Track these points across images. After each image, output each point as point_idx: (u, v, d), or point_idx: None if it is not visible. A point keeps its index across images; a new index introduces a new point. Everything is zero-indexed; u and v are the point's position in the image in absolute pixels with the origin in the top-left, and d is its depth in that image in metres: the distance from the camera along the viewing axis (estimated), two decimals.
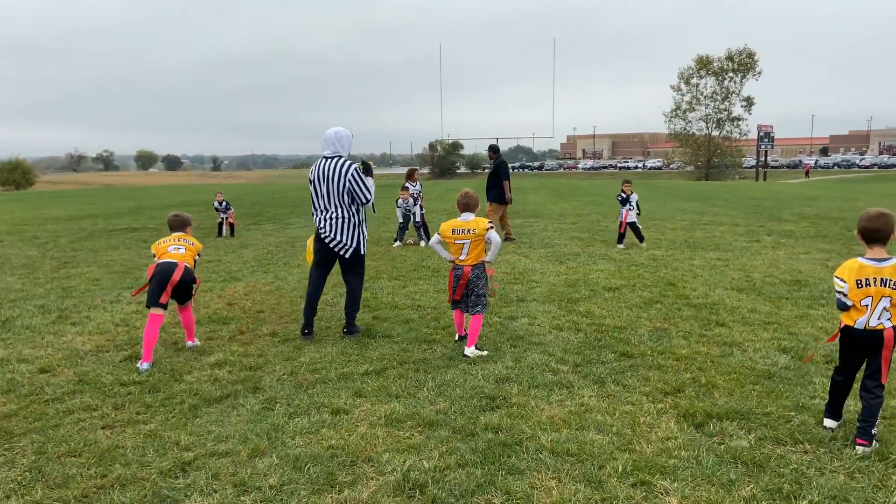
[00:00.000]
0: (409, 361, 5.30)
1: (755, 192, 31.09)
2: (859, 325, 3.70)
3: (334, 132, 5.97)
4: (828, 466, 3.48)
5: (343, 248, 5.92)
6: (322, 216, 5.92)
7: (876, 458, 3.54)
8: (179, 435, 3.95)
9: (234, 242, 13.36)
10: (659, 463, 3.53)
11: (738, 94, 74.53)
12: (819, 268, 9.44)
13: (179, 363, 5.32)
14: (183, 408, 4.37)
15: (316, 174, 5.93)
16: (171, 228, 5.83)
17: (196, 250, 5.72)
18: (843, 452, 3.63)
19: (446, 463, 3.55)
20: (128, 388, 4.76)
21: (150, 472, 3.49)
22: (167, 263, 5.38)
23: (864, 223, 3.69)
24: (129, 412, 4.31)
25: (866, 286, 3.62)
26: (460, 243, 5.49)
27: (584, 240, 12.82)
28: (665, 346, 5.67)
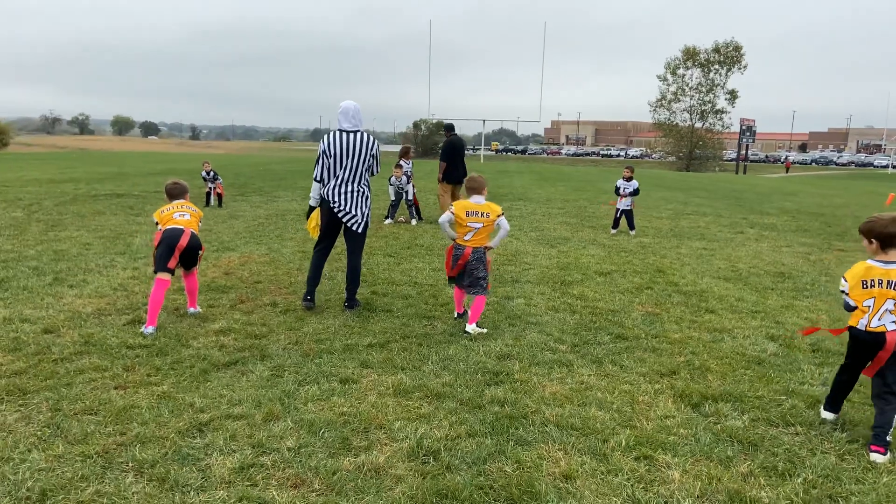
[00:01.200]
0: (412, 336, 5.41)
1: (736, 185, 31.54)
2: (861, 326, 3.74)
3: (354, 106, 5.98)
4: (819, 448, 3.67)
5: (355, 222, 5.98)
6: (338, 189, 5.93)
7: (864, 440, 3.73)
8: (193, 397, 4.02)
9: (224, 213, 13.30)
10: (659, 439, 3.70)
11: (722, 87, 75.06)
12: (801, 261, 9.70)
13: (184, 328, 5.37)
14: (193, 371, 4.44)
15: (337, 146, 5.88)
16: (170, 196, 5.81)
17: (199, 217, 5.77)
18: (833, 436, 3.82)
19: (457, 432, 3.67)
20: (135, 350, 4.81)
21: (168, 432, 3.57)
22: (174, 229, 5.41)
23: (882, 228, 3.67)
24: (139, 374, 4.37)
25: (870, 287, 3.66)
26: (472, 226, 5.54)
27: (573, 225, 12.99)
28: (658, 330, 5.84)
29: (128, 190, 17.77)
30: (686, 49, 75.02)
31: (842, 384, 3.96)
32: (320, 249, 6.14)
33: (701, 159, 75.95)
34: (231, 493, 3.04)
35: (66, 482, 3.08)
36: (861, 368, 3.88)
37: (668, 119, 77.10)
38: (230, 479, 3.15)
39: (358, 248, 6.13)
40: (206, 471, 3.21)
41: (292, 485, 3.11)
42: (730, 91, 74.94)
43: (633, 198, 12.00)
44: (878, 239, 3.70)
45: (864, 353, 3.81)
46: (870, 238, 3.74)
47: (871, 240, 3.73)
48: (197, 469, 3.23)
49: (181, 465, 3.26)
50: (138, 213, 12.70)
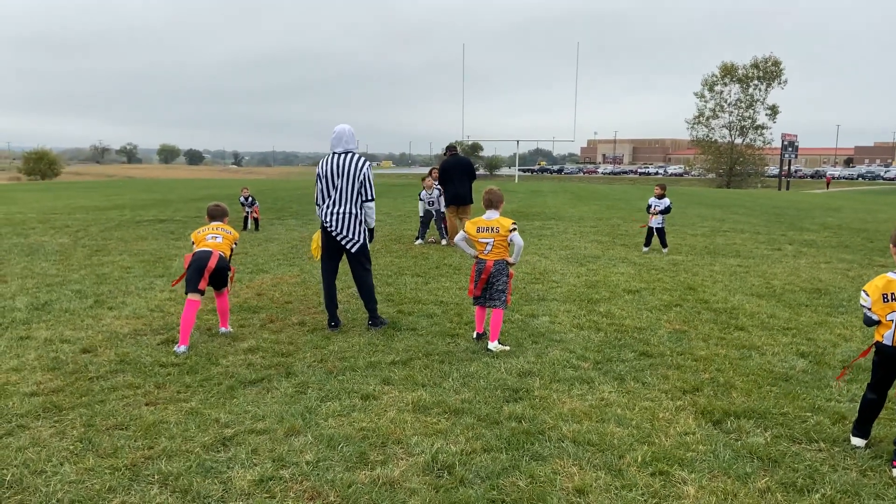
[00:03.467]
0: (434, 353, 5.48)
1: (777, 201, 30.92)
2: (887, 341, 3.65)
3: (348, 129, 6.17)
4: (841, 464, 3.61)
5: (350, 243, 6.11)
6: (329, 210, 6.07)
7: (887, 457, 3.65)
8: (219, 413, 4.16)
9: (260, 236, 13.63)
10: (677, 455, 3.68)
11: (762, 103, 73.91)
12: (840, 277, 9.48)
13: (214, 347, 5.54)
14: (220, 388, 4.58)
15: (328, 169, 6.06)
16: (210, 217, 6.06)
17: (233, 239, 5.96)
18: (856, 452, 3.75)
19: (472, 447, 3.72)
20: (167, 368, 4.99)
21: (193, 446, 3.70)
22: (203, 252, 5.61)
23: None
24: (170, 391, 4.54)
25: (892, 301, 3.59)
26: (484, 242, 5.63)
27: (604, 243, 12.93)
28: (684, 347, 5.79)
29: (170, 216, 18.33)
30: (723, 65, 74.22)
31: (870, 404, 3.81)
32: (328, 273, 6.26)
33: (742, 176, 74.60)
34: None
35: (94, 494, 3.22)
36: (889, 385, 3.77)
37: (707, 136, 76.12)
38: (249, 491, 3.25)
39: (361, 268, 6.24)
40: (227, 483, 3.32)
41: (309, 497, 3.20)
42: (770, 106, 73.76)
43: (665, 216, 11.90)
44: None
45: (891, 368, 3.71)
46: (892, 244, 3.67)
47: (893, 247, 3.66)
48: (218, 481, 3.34)
49: (204, 477, 3.37)
50: (178, 238, 13.11)
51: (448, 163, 12.16)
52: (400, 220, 16.92)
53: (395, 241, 12.70)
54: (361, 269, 6.28)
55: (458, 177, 11.90)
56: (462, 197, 11.93)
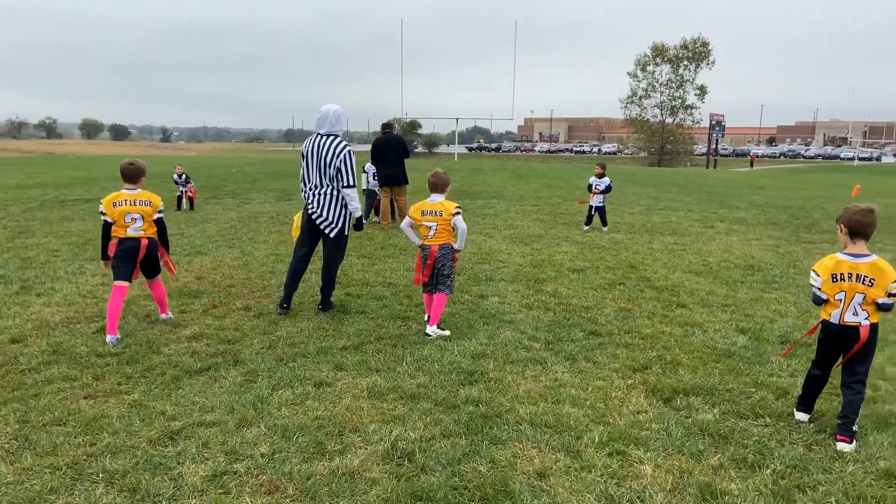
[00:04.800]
0: (386, 337, 5.40)
1: (707, 180, 31.98)
2: (834, 319, 3.75)
3: (334, 111, 5.98)
4: (787, 439, 3.75)
5: (328, 227, 5.96)
6: (312, 192, 5.96)
7: (831, 431, 3.81)
8: (164, 405, 3.98)
9: (195, 216, 13.15)
10: (632, 434, 3.74)
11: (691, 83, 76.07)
12: (770, 254, 9.87)
13: (155, 335, 5.30)
14: (164, 379, 4.39)
15: (307, 150, 5.97)
16: (125, 178, 5.43)
17: (155, 208, 5.37)
18: (801, 426, 3.90)
19: (431, 433, 3.68)
20: (104, 359, 4.74)
21: (139, 441, 3.52)
22: (130, 243, 5.25)
23: (853, 216, 3.69)
24: (109, 383, 4.31)
25: (840, 281, 3.69)
26: (428, 225, 5.52)
27: (546, 222, 13.06)
28: (630, 325, 5.91)
29: (97, 195, 17.45)
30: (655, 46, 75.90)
31: (815, 380, 3.94)
32: (300, 257, 6.09)
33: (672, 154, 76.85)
34: (203, 501, 3.01)
35: (34, 495, 3.02)
36: (833, 362, 3.90)
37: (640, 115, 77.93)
38: (203, 487, 3.12)
39: (335, 254, 6.10)
40: (178, 479, 3.18)
41: (266, 491, 3.09)
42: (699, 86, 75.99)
43: (605, 194, 12.10)
44: (848, 227, 3.72)
45: (837, 347, 3.83)
46: (841, 225, 3.76)
47: (841, 227, 3.76)
48: (169, 478, 3.19)
49: (153, 474, 3.22)
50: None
51: (380, 141, 11.84)
52: None
53: None
54: (332, 255, 6.11)
55: (390, 156, 11.59)
56: (395, 177, 11.65)
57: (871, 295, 3.62)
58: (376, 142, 11.96)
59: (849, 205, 3.82)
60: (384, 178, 11.69)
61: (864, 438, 3.74)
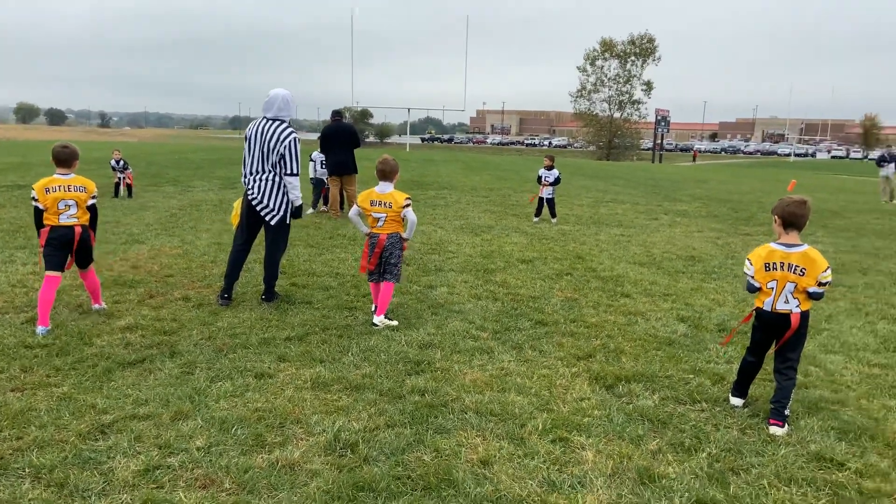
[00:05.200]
0: (332, 328, 5.32)
1: (653, 174, 32.68)
2: (766, 307, 3.85)
3: (283, 95, 5.83)
4: (722, 423, 3.85)
5: (269, 214, 5.82)
6: (253, 178, 5.79)
7: (764, 415, 3.93)
8: (95, 398, 3.82)
9: (134, 204, 12.71)
10: (575, 421, 3.78)
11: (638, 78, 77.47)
12: (710, 245, 10.15)
13: (87, 326, 5.09)
14: (96, 371, 4.22)
15: (250, 133, 5.80)
16: (58, 162, 5.19)
17: (89, 195, 5.19)
18: (736, 411, 4.01)
19: (375, 424, 3.64)
20: (33, 350, 4.53)
21: (68, 435, 3.37)
22: (62, 231, 5.03)
23: (787, 207, 3.78)
24: (38, 375, 4.12)
25: (773, 270, 3.79)
26: (377, 216, 5.42)
27: (497, 213, 13.11)
28: (576, 314, 5.97)
29: (31, 181, 16.68)
30: (603, 41, 77.00)
31: (749, 366, 4.05)
32: (240, 245, 5.93)
33: (620, 149, 78.22)
34: (135, 496, 2.90)
35: None
36: (767, 349, 4.03)
37: (589, 109, 78.99)
38: (134, 482, 3.01)
39: (277, 242, 5.96)
40: (108, 474, 3.05)
41: (201, 485, 3.00)
42: (646, 82, 77.41)
43: (555, 186, 12.22)
44: (782, 218, 3.84)
45: (770, 333, 3.95)
46: (775, 216, 3.87)
47: (776, 217, 3.87)
48: (98, 473, 3.06)
49: (81, 469, 3.08)
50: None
51: (330, 129, 11.68)
52: None
53: None
54: (274, 244, 5.96)
55: (339, 144, 11.44)
56: (344, 165, 11.49)
57: (802, 284, 3.73)
58: (325, 130, 11.78)
59: (783, 196, 3.93)
60: (333, 166, 11.52)
61: (795, 423, 3.86)
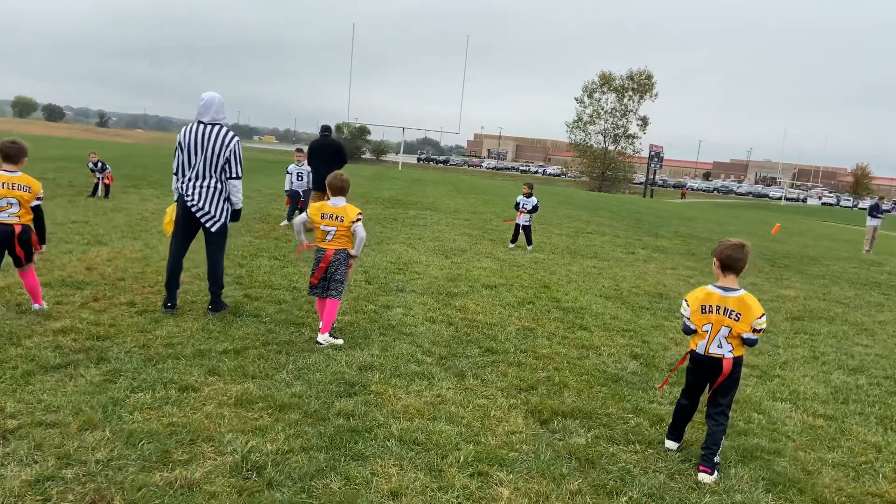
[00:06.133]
0: (273, 343, 5.20)
1: (639, 207, 32.81)
2: (700, 350, 3.77)
3: (217, 98, 5.74)
4: (652, 466, 3.74)
5: (210, 220, 5.71)
6: (191, 184, 5.67)
7: (696, 460, 3.82)
8: (6, 401, 3.68)
9: (108, 205, 12.58)
10: (500, 455, 3.66)
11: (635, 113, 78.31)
12: (682, 283, 10.09)
13: (20, 326, 4.95)
14: (15, 374, 4.07)
15: (190, 139, 5.63)
16: (4, 157, 5.10)
17: (34, 195, 5.11)
18: (668, 455, 3.91)
19: (290, 446, 3.51)
20: None
21: None
22: (1, 228, 4.94)
23: (724, 251, 3.75)
24: None
25: (709, 313, 3.71)
26: (326, 230, 5.34)
27: (474, 236, 13.05)
28: (529, 344, 5.87)
29: None
30: (602, 74, 77.93)
31: (683, 409, 3.96)
32: (178, 252, 5.81)
33: (612, 181, 78.77)
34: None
35: None
36: (700, 391, 3.93)
37: (584, 140, 79.66)
38: (21, 492, 2.87)
39: (216, 248, 5.85)
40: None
41: (90, 501, 2.86)
42: (641, 117, 78.29)
43: (532, 214, 12.18)
44: (720, 260, 3.80)
45: (702, 376, 3.86)
46: (714, 258, 3.83)
47: (714, 259, 3.83)
48: None
49: None
50: None
51: (317, 144, 11.73)
52: (269, 199, 16.26)
53: (259, 221, 12.14)
54: (216, 250, 5.86)
55: (325, 159, 11.38)
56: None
57: (736, 329, 3.65)
58: (313, 144, 11.84)
59: (722, 239, 3.88)
60: (318, 181, 11.50)
61: (726, 470, 3.76)
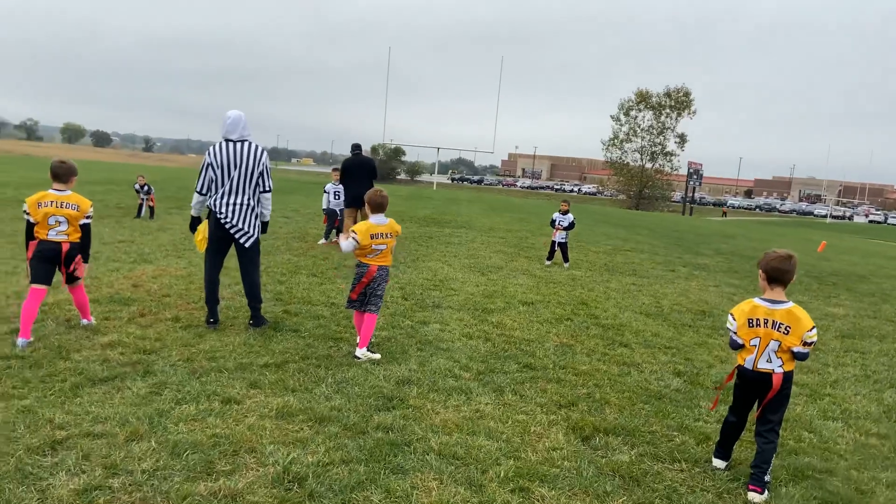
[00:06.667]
0: (312, 357, 5.24)
1: (679, 225, 32.32)
2: (748, 365, 3.68)
3: (243, 116, 5.88)
4: (699, 485, 3.64)
5: (244, 236, 5.81)
6: (225, 201, 5.76)
7: (745, 479, 3.70)
8: (55, 413, 3.77)
9: (153, 225, 12.90)
10: (541, 471, 3.60)
11: (672, 130, 77.49)
12: (725, 300, 9.87)
13: (70, 340, 5.08)
14: (64, 386, 4.18)
15: (222, 157, 5.74)
16: (54, 177, 5.22)
17: (83, 214, 5.21)
18: (716, 474, 3.80)
19: (331, 458, 3.52)
20: (7, 361, 4.52)
21: (16, 448, 3.32)
22: (49, 246, 5.05)
23: (770, 262, 3.66)
24: (5, 386, 4.09)
25: (756, 326, 3.62)
26: (378, 248, 5.40)
27: (509, 254, 13.00)
28: (568, 361, 5.80)
29: None
30: (639, 92, 77.41)
31: (731, 426, 3.86)
32: (212, 265, 5.92)
33: (650, 199, 77.86)
34: None
35: None
36: (749, 408, 3.82)
37: (620, 158, 79.08)
38: (69, 501, 2.92)
39: (251, 264, 5.95)
40: (44, 491, 2.97)
41: None
42: (679, 134, 77.41)
43: (569, 231, 12.10)
44: (766, 272, 3.71)
45: (751, 393, 3.76)
46: (760, 270, 3.75)
47: (760, 272, 3.75)
48: (36, 489, 2.99)
49: (19, 483, 3.01)
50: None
51: (350, 162, 11.87)
52: (308, 218, 16.48)
53: (297, 239, 12.31)
54: (251, 265, 5.96)
55: (359, 177, 11.57)
56: (362, 198, 11.62)
57: (786, 343, 3.55)
58: (346, 163, 11.97)
59: (769, 250, 3.79)
60: (351, 198, 11.63)
61: (776, 489, 3.64)
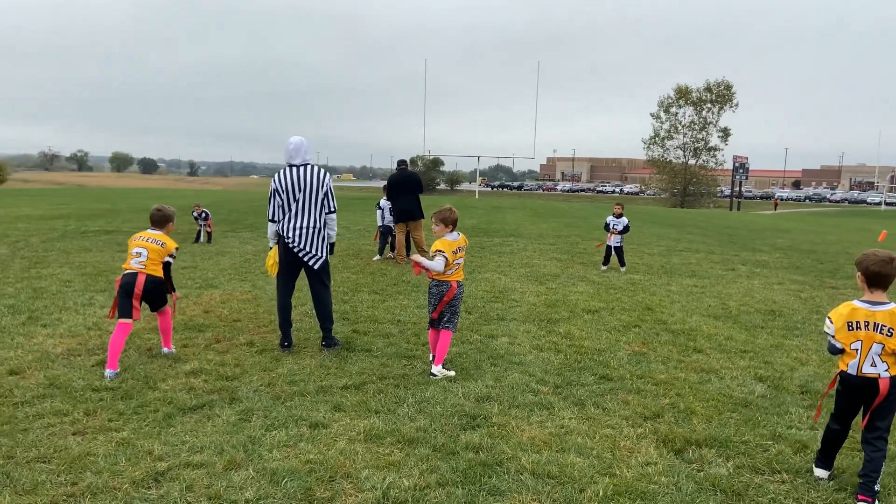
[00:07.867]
0: (389, 377, 5.25)
1: (729, 222, 31.59)
2: (852, 370, 3.54)
3: (301, 141, 6.00)
4: (805, 497, 3.51)
5: (314, 259, 5.89)
6: (292, 225, 5.85)
7: (852, 489, 3.57)
8: (153, 444, 3.85)
9: (211, 249, 13.19)
10: (639, 488, 3.53)
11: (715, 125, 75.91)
12: (793, 298, 9.58)
13: (154, 370, 5.21)
14: (157, 416, 4.28)
15: (288, 182, 5.83)
16: (152, 223, 5.62)
17: (167, 251, 5.44)
18: (820, 484, 3.66)
19: (427, 482, 3.51)
20: (99, 393, 4.65)
21: (121, 482, 3.40)
22: (128, 275, 5.27)
23: (870, 266, 3.51)
24: (100, 419, 4.21)
25: (856, 329, 3.49)
26: (457, 263, 5.46)
27: (563, 261, 12.88)
28: (644, 370, 5.69)
29: (118, 226, 17.68)
30: (678, 88, 76.11)
31: (833, 434, 3.71)
32: (284, 289, 6.00)
33: (695, 196, 76.33)
34: None
35: None
36: (853, 416, 3.67)
37: (662, 156, 77.75)
38: None
39: (322, 285, 6.01)
40: None
41: None
42: (722, 129, 75.77)
43: (623, 235, 11.93)
44: (865, 275, 3.57)
45: (856, 399, 3.61)
46: (858, 272, 3.61)
47: (859, 274, 3.61)
48: None
49: None
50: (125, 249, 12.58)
51: (396, 177, 11.93)
52: (358, 235, 16.63)
53: (352, 257, 12.43)
54: (321, 287, 6.04)
55: (406, 192, 11.66)
56: (411, 212, 11.68)
57: (890, 345, 3.40)
58: (392, 178, 12.05)
59: (867, 250, 3.64)
60: (399, 213, 11.69)
61: (887, 499, 3.49)
